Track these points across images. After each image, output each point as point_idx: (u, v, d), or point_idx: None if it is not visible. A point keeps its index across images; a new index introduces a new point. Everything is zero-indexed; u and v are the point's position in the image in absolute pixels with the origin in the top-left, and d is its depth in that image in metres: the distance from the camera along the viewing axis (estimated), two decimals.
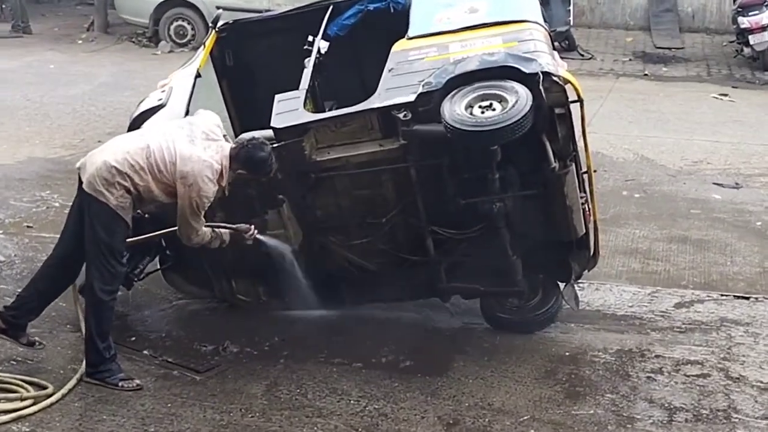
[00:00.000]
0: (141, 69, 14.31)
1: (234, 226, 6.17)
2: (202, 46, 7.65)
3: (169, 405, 5.92)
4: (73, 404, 5.89)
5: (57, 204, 9.07)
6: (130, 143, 5.96)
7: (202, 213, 5.90)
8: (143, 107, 7.10)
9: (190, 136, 5.93)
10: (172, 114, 6.76)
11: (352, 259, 6.63)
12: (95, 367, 6.05)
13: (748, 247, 8.49)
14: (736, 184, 10.06)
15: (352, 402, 6.01)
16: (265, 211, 6.42)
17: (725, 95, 13.63)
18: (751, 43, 14.75)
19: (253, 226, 6.22)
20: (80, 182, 5.98)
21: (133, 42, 16.44)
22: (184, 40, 15.94)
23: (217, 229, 6.12)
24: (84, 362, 6.12)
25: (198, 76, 7.19)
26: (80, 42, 16.38)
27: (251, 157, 5.93)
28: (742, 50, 15.14)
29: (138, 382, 6.08)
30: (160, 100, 6.98)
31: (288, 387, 6.16)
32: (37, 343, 6.33)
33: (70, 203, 6.28)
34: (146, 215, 6.34)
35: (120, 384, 6.02)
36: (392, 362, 6.48)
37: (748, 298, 7.49)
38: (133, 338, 6.69)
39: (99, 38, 16.63)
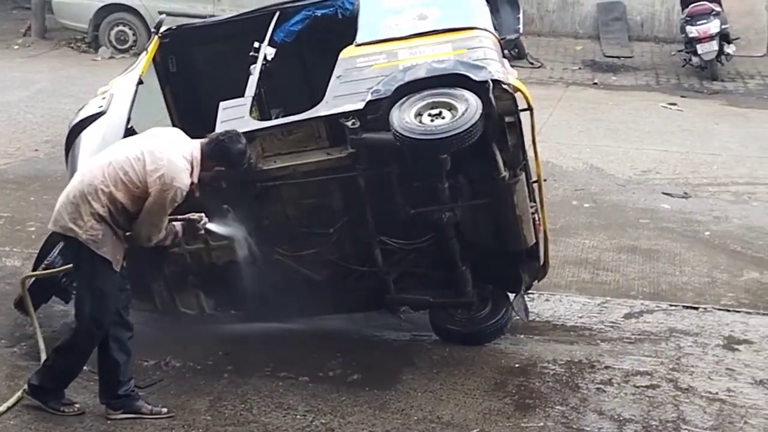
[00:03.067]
0: (80, 75, 14.05)
1: (185, 216, 5.91)
2: (145, 52, 7.50)
3: (109, 422, 5.77)
4: (8, 422, 5.72)
5: None
6: (87, 167, 5.72)
7: (171, 210, 5.60)
8: (83, 114, 6.95)
9: (153, 136, 5.76)
10: (113, 121, 6.60)
11: (299, 270, 6.51)
12: (40, 389, 5.80)
13: (696, 257, 8.50)
14: (685, 193, 10.10)
15: (298, 417, 5.90)
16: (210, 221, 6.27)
17: (674, 104, 13.71)
18: (699, 52, 14.86)
19: (203, 215, 5.96)
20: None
21: (72, 47, 16.13)
22: (125, 46, 15.66)
23: (168, 225, 5.81)
24: (30, 380, 5.86)
25: (140, 82, 7.04)
26: (17, 47, 16.05)
27: (228, 150, 5.71)
28: (690, 59, 15.24)
29: (79, 406, 5.85)
30: (101, 107, 6.84)
31: (232, 402, 6.03)
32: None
33: (6, 214, 6.09)
34: None
35: (62, 409, 5.79)
36: (340, 376, 6.38)
37: (696, 308, 7.49)
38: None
39: (36, 43, 16.31)
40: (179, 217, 5.87)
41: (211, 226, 6.02)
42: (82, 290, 5.70)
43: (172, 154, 5.56)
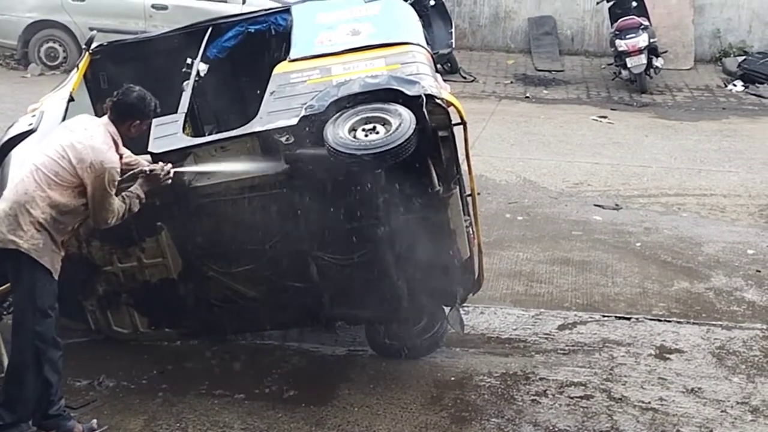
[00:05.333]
0: (9, 92, 13.78)
1: (147, 168, 5.82)
2: (76, 69, 7.40)
3: None
4: None
5: None
6: (17, 178, 5.61)
7: (114, 189, 5.56)
8: (12, 132, 6.82)
9: (66, 129, 5.69)
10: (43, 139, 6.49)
11: (233, 287, 6.47)
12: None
13: (628, 267, 8.62)
14: (616, 205, 10.24)
15: None
16: (143, 239, 6.22)
17: (604, 117, 13.91)
18: (629, 65, 15.10)
19: (168, 164, 5.87)
20: None
21: (1, 64, 15.84)
22: (56, 63, 15.39)
23: (127, 192, 5.75)
24: None
25: (71, 99, 6.93)
26: None
27: (127, 103, 5.68)
28: (620, 73, 15.48)
29: None
30: (31, 124, 6.72)
31: (167, 421, 5.98)
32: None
33: None
34: None
35: None
36: (276, 392, 6.35)
37: (629, 319, 7.59)
38: (2, 374, 6.35)
39: None
40: (139, 172, 5.79)
41: (182, 168, 5.94)
42: (23, 304, 5.55)
43: (91, 140, 5.53)
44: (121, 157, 5.65)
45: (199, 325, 6.60)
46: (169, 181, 5.89)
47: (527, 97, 15.15)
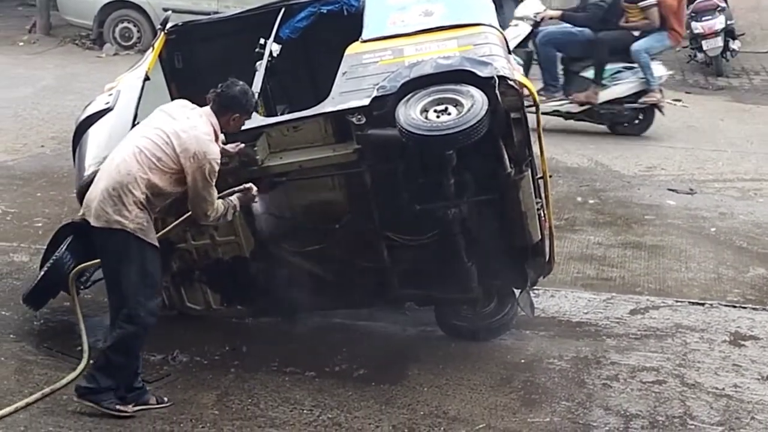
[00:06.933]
0: (85, 72, 14.06)
1: (240, 187, 5.94)
2: (151, 49, 7.50)
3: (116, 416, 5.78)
4: (17, 415, 5.74)
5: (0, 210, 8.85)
6: (118, 158, 5.69)
7: (214, 180, 5.67)
8: (90, 111, 6.96)
9: (168, 115, 5.78)
10: (120, 117, 6.61)
11: (304, 266, 6.52)
12: (93, 390, 5.76)
13: (702, 253, 8.50)
14: (690, 189, 10.09)
15: (305, 411, 5.92)
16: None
17: (679, 101, 13.68)
18: (705, 48, 14.84)
19: (252, 185, 5.97)
20: (91, 226, 5.67)
21: (77, 44, 16.13)
22: (130, 43, 15.65)
23: (226, 200, 5.86)
24: (78, 384, 5.83)
25: (146, 78, 7.03)
26: (22, 44, 16.06)
27: (230, 95, 5.76)
28: (695, 56, 15.23)
29: (134, 408, 5.82)
30: (108, 103, 6.84)
31: (239, 397, 6.04)
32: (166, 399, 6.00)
33: (13, 209, 6.08)
34: None
35: (117, 407, 5.77)
36: (346, 371, 6.39)
37: (702, 305, 7.49)
38: (79, 348, 6.50)
39: (41, 40, 16.30)
40: (234, 189, 5.92)
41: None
42: (133, 280, 5.66)
43: (195, 130, 5.64)
44: (220, 149, 5.76)
45: (270, 303, 6.66)
46: (257, 201, 6.03)
47: None
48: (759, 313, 7.38)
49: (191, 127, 5.66)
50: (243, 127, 5.98)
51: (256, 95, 6.34)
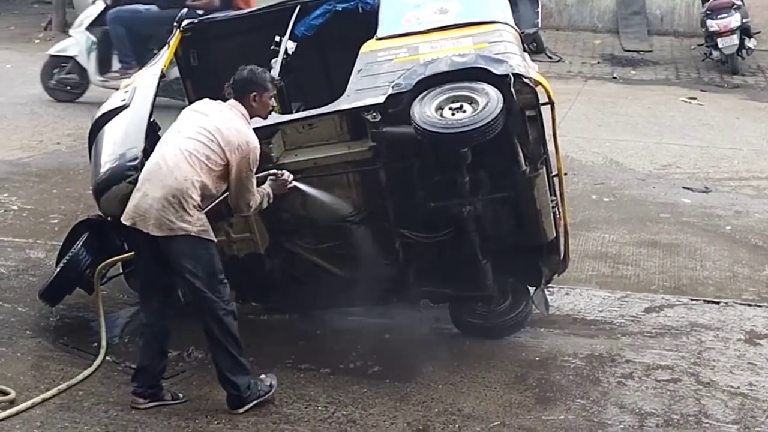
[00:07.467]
0: None
1: (271, 171, 5.98)
2: (167, 46, 7.52)
3: (133, 412, 5.82)
4: (34, 411, 5.77)
5: (15, 207, 8.86)
6: (167, 164, 5.62)
7: (255, 168, 5.72)
8: (105, 108, 6.98)
9: (202, 114, 5.82)
10: (136, 114, 6.63)
11: (319, 263, 6.53)
12: (244, 390, 5.83)
13: (717, 251, 8.47)
14: (706, 188, 10.06)
15: (320, 408, 5.93)
16: (231, 214, 6.30)
17: (694, 99, 13.64)
18: (720, 46, 14.76)
19: (286, 172, 6.00)
20: (143, 234, 5.63)
21: None
22: None
23: (259, 188, 5.89)
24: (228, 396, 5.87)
25: (162, 76, 7.05)
26: (37, 41, 16.09)
27: (242, 78, 5.83)
28: (710, 53, 15.14)
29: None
30: (124, 100, 6.86)
31: None
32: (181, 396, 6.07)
33: (29, 206, 6.11)
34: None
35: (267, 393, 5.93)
36: (360, 368, 6.40)
37: (717, 303, 7.47)
38: (95, 344, 6.55)
39: (57, 38, 16.21)
40: (265, 173, 5.95)
41: (298, 184, 6.07)
42: (206, 280, 5.69)
43: (232, 122, 5.70)
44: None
45: (285, 300, 6.68)
46: (289, 186, 6.01)
47: (614, 77, 14.93)
48: None
49: (227, 119, 5.71)
50: (259, 125, 5.99)
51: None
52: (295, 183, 6.03)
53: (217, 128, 5.65)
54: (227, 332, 5.74)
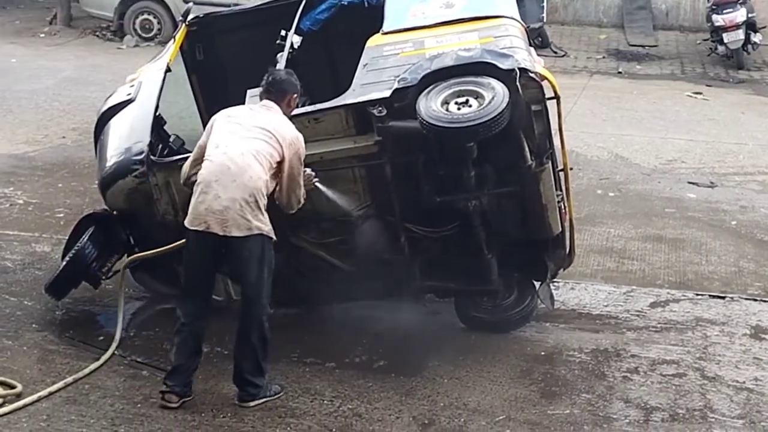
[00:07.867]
0: (105, 63, 14.12)
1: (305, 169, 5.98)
2: (172, 40, 7.52)
3: (138, 405, 5.83)
4: (40, 404, 5.78)
5: (21, 201, 8.88)
6: (236, 165, 5.59)
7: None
8: (111, 102, 6.99)
9: (252, 111, 5.85)
10: (142, 109, 6.63)
11: (325, 258, 6.53)
12: (259, 389, 5.86)
13: (723, 246, 8.47)
14: (711, 182, 10.05)
15: (325, 402, 5.94)
16: None
17: (699, 93, 13.64)
18: (725, 41, 14.77)
19: (308, 169, 6.00)
20: (211, 234, 5.61)
21: (98, 36, 16.20)
22: (150, 35, 15.70)
23: None
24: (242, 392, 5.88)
25: (168, 70, 7.06)
26: (42, 36, 16.14)
27: (282, 79, 5.89)
28: (716, 48, 15.15)
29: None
30: (129, 94, 6.88)
31: None
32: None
33: (35, 200, 6.11)
34: None
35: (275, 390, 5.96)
36: (366, 362, 6.41)
37: (723, 298, 7.47)
38: (101, 338, 6.56)
39: (62, 32, 16.37)
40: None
41: (318, 185, 6.12)
42: (267, 278, 5.75)
43: (280, 119, 5.77)
44: None
45: (290, 294, 6.68)
46: (314, 185, 6.05)
47: (620, 72, 14.94)
48: None
49: (276, 117, 5.77)
50: None
51: None
52: (317, 184, 6.07)
53: (273, 126, 5.69)
54: (263, 338, 5.79)
